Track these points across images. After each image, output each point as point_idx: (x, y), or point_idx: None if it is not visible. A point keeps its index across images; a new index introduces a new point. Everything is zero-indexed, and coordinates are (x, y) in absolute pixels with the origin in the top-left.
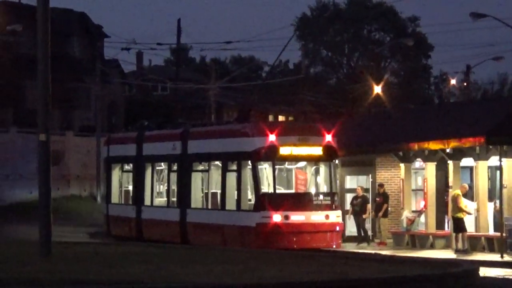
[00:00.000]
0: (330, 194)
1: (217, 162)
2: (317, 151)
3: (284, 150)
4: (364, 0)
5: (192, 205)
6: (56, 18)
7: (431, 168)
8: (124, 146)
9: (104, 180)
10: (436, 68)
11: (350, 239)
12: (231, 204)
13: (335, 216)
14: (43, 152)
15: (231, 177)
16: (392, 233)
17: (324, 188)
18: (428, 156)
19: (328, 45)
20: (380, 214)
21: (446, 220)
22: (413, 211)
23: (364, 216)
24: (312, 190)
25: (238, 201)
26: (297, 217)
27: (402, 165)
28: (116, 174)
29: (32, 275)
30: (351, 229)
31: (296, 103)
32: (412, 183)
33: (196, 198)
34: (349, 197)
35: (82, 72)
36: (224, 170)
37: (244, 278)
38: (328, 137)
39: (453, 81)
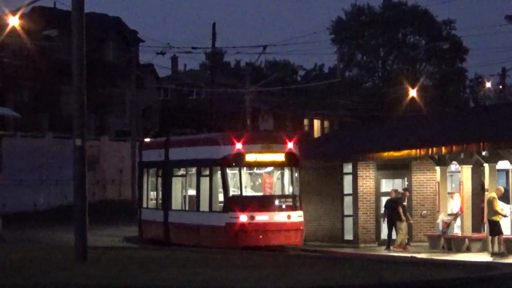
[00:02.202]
0: (292, 196)
1: (193, 168)
2: (280, 157)
3: (249, 157)
4: (399, 4)
5: (173, 207)
6: (91, 23)
7: (466, 171)
8: (152, 151)
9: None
10: (471, 71)
11: (385, 242)
12: (204, 206)
13: (296, 216)
14: (79, 157)
15: (205, 182)
16: (427, 236)
17: (286, 191)
18: (464, 159)
19: (363, 49)
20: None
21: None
22: (449, 215)
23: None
24: (277, 193)
25: (210, 203)
26: (261, 217)
27: (437, 168)
28: (146, 179)
29: (68, 280)
30: (386, 232)
31: (331, 107)
32: (448, 186)
33: (176, 201)
34: (384, 200)
35: (117, 77)
36: (199, 175)
37: (283, 283)
38: (290, 145)
39: (488, 84)
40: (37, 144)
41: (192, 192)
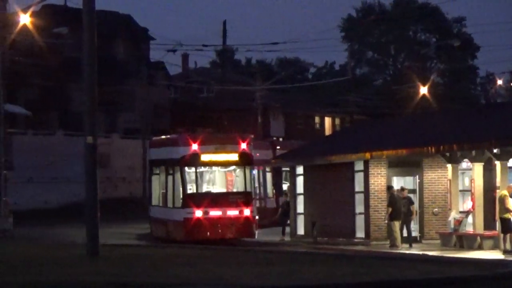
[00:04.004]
0: (245, 193)
1: (164, 167)
2: (233, 157)
3: (204, 157)
4: (410, 1)
5: (153, 203)
6: (101, 20)
7: (478, 169)
8: (158, 149)
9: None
10: (482, 68)
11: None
12: (170, 203)
13: (248, 211)
14: (90, 155)
15: (170, 180)
16: (439, 234)
17: (239, 188)
18: (475, 157)
19: (374, 46)
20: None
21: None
22: (460, 212)
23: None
24: (230, 190)
25: (173, 199)
26: (215, 213)
27: (449, 166)
28: (154, 176)
29: (80, 277)
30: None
31: (342, 104)
32: (459, 184)
33: (156, 198)
34: None
35: (128, 75)
36: (167, 174)
37: (293, 280)
38: (243, 146)
39: (499, 82)
40: (48, 142)
41: (163, 189)
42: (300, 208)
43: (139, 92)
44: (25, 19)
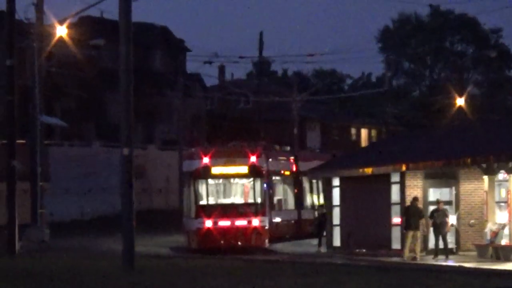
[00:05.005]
0: (254, 204)
1: (186, 179)
2: (243, 170)
3: (215, 170)
4: (447, 12)
5: (184, 214)
6: (138, 32)
7: None
8: (185, 162)
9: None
10: None
11: (432, 252)
12: (187, 213)
13: (257, 221)
14: (126, 166)
15: (188, 192)
16: (476, 245)
17: (248, 199)
18: None
19: (411, 57)
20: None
21: None
22: (497, 223)
23: (446, 229)
24: (238, 201)
25: (189, 210)
26: (224, 223)
27: (485, 177)
28: (184, 188)
29: None
30: (433, 241)
31: (379, 115)
32: (496, 195)
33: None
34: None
35: (164, 86)
36: (186, 186)
37: None
38: (253, 159)
39: None
40: (84, 153)
41: (185, 200)
42: (336, 219)
43: (176, 103)
44: (61, 31)
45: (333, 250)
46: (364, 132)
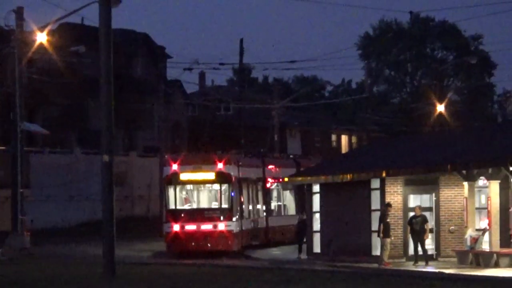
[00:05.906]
0: (219, 209)
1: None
2: (210, 176)
3: (183, 176)
4: (427, 19)
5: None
6: (119, 39)
7: (494, 187)
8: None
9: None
10: (499, 86)
11: (411, 258)
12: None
13: (223, 226)
14: (106, 173)
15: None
16: (456, 251)
17: (215, 204)
18: (492, 175)
19: (391, 64)
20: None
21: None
22: (477, 230)
23: (425, 236)
24: (205, 206)
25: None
26: (190, 227)
27: (465, 184)
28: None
29: None
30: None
31: (359, 122)
32: (476, 202)
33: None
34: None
35: (145, 93)
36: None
37: None
38: (220, 165)
39: None
40: (66, 160)
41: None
42: (317, 226)
43: (157, 110)
44: (42, 38)
45: (313, 256)
46: (344, 139)
